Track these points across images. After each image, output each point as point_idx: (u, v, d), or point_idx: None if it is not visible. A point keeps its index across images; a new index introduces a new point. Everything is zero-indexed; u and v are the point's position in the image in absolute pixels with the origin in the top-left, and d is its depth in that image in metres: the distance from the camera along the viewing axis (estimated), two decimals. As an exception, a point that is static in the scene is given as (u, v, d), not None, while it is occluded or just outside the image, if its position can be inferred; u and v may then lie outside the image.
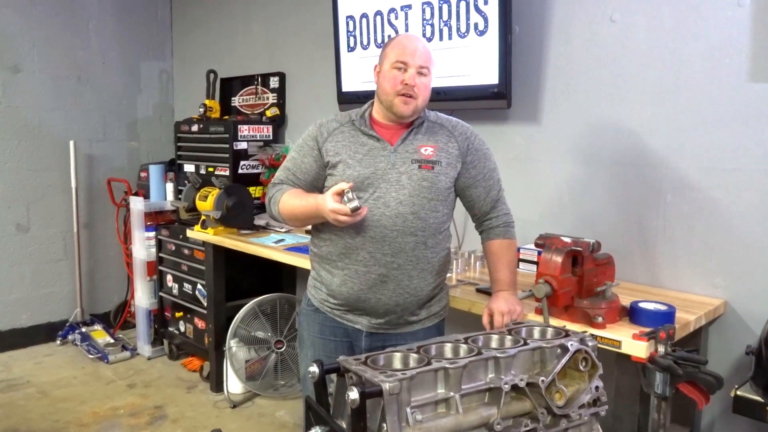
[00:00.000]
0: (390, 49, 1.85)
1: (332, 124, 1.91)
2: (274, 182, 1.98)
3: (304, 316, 2.00)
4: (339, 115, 1.95)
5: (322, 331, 1.94)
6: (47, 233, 4.24)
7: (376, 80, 1.87)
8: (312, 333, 1.96)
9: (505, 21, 2.47)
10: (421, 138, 1.85)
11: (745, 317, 2.08)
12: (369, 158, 1.82)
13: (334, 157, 1.85)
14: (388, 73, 1.81)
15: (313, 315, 1.96)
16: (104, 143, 4.47)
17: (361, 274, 1.83)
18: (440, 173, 1.83)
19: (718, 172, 2.12)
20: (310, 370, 1.17)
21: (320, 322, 1.94)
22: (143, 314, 4.01)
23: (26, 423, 3.12)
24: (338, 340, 1.93)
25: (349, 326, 1.90)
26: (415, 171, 1.81)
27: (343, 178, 1.80)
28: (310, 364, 1.75)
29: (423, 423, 1.10)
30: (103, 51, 4.41)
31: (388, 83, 1.80)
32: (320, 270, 1.94)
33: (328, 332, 1.94)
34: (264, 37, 3.96)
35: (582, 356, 1.25)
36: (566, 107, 2.51)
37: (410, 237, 1.80)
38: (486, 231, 1.96)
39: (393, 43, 1.87)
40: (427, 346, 1.24)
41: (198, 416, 3.20)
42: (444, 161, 1.84)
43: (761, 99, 2.01)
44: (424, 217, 1.82)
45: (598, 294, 1.82)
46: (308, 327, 1.97)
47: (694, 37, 2.14)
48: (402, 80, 1.78)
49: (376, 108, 1.90)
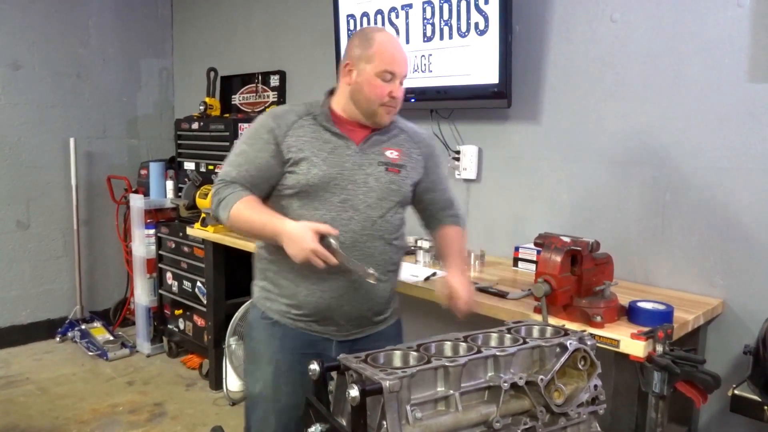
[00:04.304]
0: (376, 53, 1.72)
1: (290, 116, 1.75)
2: (223, 179, 1.74)
3: (258, 330, 1.83)
4: (293, 106, 1.80)
5: (283, 345, 1.79)
6: (47, 230, 4.24)
7: (351, 80, 1.74)
8: (272, 348, 1.80)
9: (506, 20, 2.47)
10: (385, 141, 1.81)
11: (743, 317, 2.08)
12: (334, 157, 1.73)
13: (297, 154, 1.71)
14: (374, 81, 1.72)
15: (271, 328, 1.80)
16: (104, 140, 4.48)
17: (331, 283, 1.73)
18: (406, 177, 1.81)
19: (716, 171, 2.12)
20: (311, 368, 1.18)
21: (281, 336, 1.79)
22: (143, 311, 4.02)
23: (26, 420, 3.13)
24: (304, 352, 1.76)
25: (316, 336, 1.79)
26: (382, 173, 1.76)
27: (307, 178, 1.70)
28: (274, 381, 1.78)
29: (423, 421, 1.10)
30: (103, 48, 4.41)
31: (374, 93, 1.72)
32: (278, 280, 1.79)
33: (291, 345, 1.79)
34: (265, 35, 3.96)
35: (581, 355, 1.26)
36: (566, 106, 2.51)
37: (379, 241, 1.76)
38: (441, 220, 1.97)
39: (379, 47, 1.72)
40: (427, 345, 1.25)
41: (197, 413, 3.21)
42: (408, 165, 1.82)
43: (760, 99, 2.02)
44: (390, 219, 1.79)
45: (596, 293, 1.83)
46: (267, 342, 1.81)
47: (694, 37, 2.15)
48: (390, 92, 1.73)
49: (342, 105, 1.79)
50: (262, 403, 1.84)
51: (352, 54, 1.75)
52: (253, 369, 1.86)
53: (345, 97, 1.78)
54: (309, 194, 1.73)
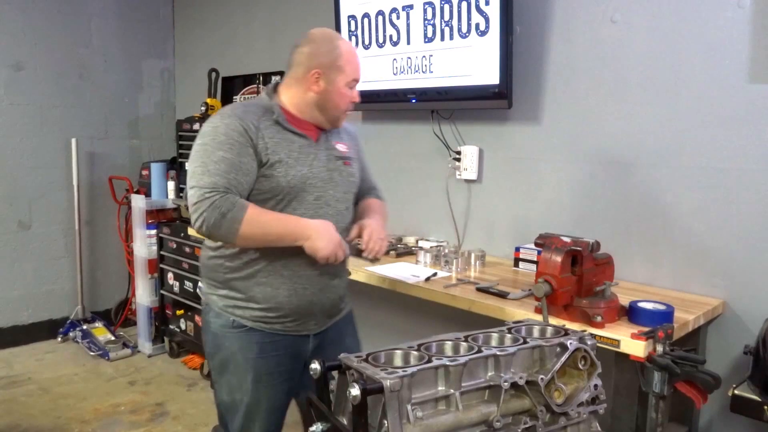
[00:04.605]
0: (345, 64, 1.77)
1: (252, 117, 1.70)
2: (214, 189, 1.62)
3: (231, 339, 1.79)
4: (246, 107, 1.75)
5: (262, 350, 1.78)
6: (49, 230, 4.25)
7: (318, 88, 1.75)
8: (249, 354, 1.78)
9: (507, 21, 2.48)
10: (333, 136, 1.86)
11: (743, 317, 2.09)
12: (303, 156, 1.75)
13: (273, 156, 1.69)
14: (343, 90, 1.78)
15: (246, 336, 1.77)
16: (106, 141, 4.49)
17: (312, 278, 1.78)
18: (356, 168, 1.92)
19: (717, 172, 2.13)
20: (312, 367, 1.18)
21: (257, 341, 1.78)
22: (144, 312, 4.02)
23: (28, 419, 3.14)
24: (281, 353, 1.80)
25: (292, 335, 1.81)
26: (342, 168, 1.84)
27: (287, 179, 1.71)
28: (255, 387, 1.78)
29: (423, 420, 1.11)
30: (104, 49, 4.42)
31: (343, 101, 1.79)
32: (248, 287, 1.76)
33: (270, 348, 1.79)
34: (266, 36, 3.96)
35: (581, 355, 1.26)
36: (567, 107, 2.52)
37: (345, 232, 1.84)
38: (364, 197, 2.04)
39: (347, 56, 1.78)
40: (428, 344, 1.25)
41: (199, 413, 3.21)
42: (354, 157, 1.92)
43: (760, 100, 2.02)
44: (350, 210, 1.91)
45: (597, 293, 1.83)
46: (243, 349, 1.78)
47: (694, 38, 2.15)
48: (352, 99, 1.81)
49: (299, 107, 1.79)
50: (242, 409, 1.82)
51: (321, 62, 1.75)
52: (229, 378, 1.82)
53: (306, 102, 1.78)
54: (287, 195, 1.73)
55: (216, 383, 1.89)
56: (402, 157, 3.17)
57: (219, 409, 1.92)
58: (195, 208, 1.63)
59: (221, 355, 1.82)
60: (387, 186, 3.24)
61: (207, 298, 1.86)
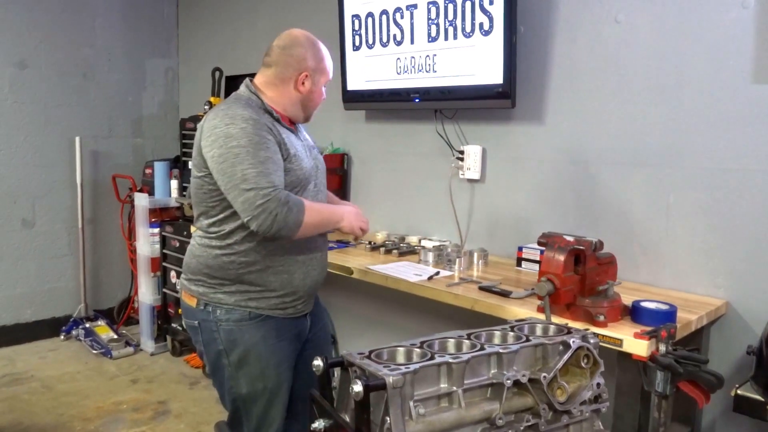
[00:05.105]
0: (326, 66, 1.95)
1: (263, 117, 1.81)
2: (275, 186, 1.70)
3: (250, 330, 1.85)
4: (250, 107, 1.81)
5: (279, 336, 1.89)
6: (52, 229, 4.26)
7: (304, 89, 1.89)
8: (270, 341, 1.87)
9: (510, 21, 2.48)
10: (301, 128, 2.02)
11: (746, 317, 2.08)
12: (301, 148, 1.91)
13: (290, 150, 1.83)
14: (320, 90, 1.96)
15: (263, 324, 1.86)
16: (109, 140, 4.50)
17: (318, 259, 1.96)
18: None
19: (721, 172, 2.12)
20: (315, 364, 1.18)
21: (275, 327, 1.88)
22: (146, 310, 4.03)
23: (30, 417, 3.14)
24: (292, 334, 1.93)
25: (299, 317, 1.95)
26: (318, 156, 2.02)
27: (303, 170, 1.86)
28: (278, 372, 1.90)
29: (426, 417, 1.11)
30: (108, 48, 4.43)
31: (319, 100, 1.97)
32: (263, 278, 1.84)
33: (285, 332, 1.90)
34: (269, 35, 3.93)
35: (584, 353, 1.26)
36: (570, 107, 2.52)
37: None
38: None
39: (326, 60, 1.95)
40: (431, 342, 1.25)
41: (201, 412, 3.22)
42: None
43: (764, 100, 2.02)
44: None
45: (600, 293, 1.83)
46: (264, 337, 1.86)
47: (698, 38, 2.15)
48: (323, 97, 1.99)
49: (282, 105, 1.89)
50: (264, 396, 1.90)
51: (308, 66, 1.89)
52: (249, 370, 1.87)
53: (290, 101, 1.91)
54: (299, 186, 1.85)
55: (231, 379, 1.90)
56: (405, 157, 3.17)
57: (234, 406, 1.94)
58: (263, 209, 1.67)
59: (240, 350, 1.86)
60: (390, 185, 3.27)
61: (208, 298, 1.87)
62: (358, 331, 3.48)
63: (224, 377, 1.90)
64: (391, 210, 3.23)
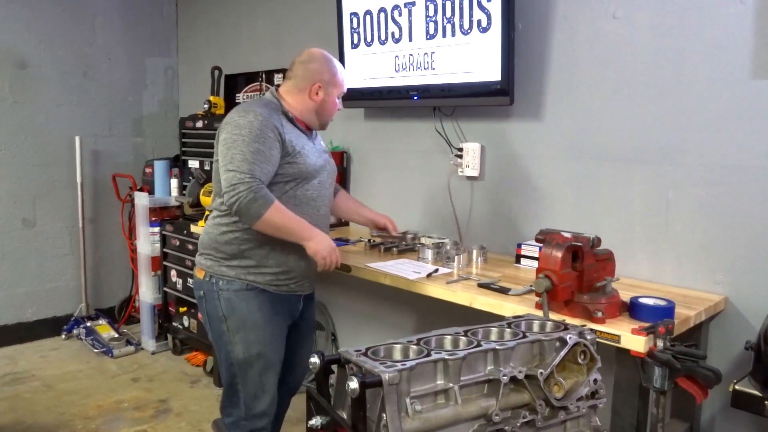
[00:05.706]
0: (339, 81, 2.20)
1: (276, 117, 2.06)
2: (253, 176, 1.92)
3: (247, 300, 2.08)
4: (268, 107, 2.08)
5: (274, 309, 2.12)
6: (53, 228, 4.27)
7: (318, 99, 2.15)
8: (265, 312, 2.10)
9: (508, 18, 2.47)
10: (316, 135, 2.28)
11: (745, 313, 2.08)
12: (311, 148, 2.15)
13: (294, 147, 2.06)
14: (335, 101, 2.21)
15: (260, 296, 2.09)
16: (110, 139, 4.50)
17: (302, 251, 2.08)
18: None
19: (719, 168, 2.12)
20: (311, 361, 1.19)
21: (270, 300, 2.11)
22: (147, 309, 4.04)
23: (32, 416, 3.15)
24: (285, 310, 2.18)
25: (292, 295, 2.18)
26: (327, 159, 2.26)
27: (306, 166, 2.09)
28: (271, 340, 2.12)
29: (422, 413, 1.11)
30: (108, 47, 4.44)
31: (334, 110, 2.23)
32: (265, 254, 2.08)
33: (279, 307, 2.14)
34: (268, 33, 3.97)
35: (581, 349, 1.26)
36: (569, 104, 2.51)
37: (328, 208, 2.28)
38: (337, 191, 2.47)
39: (340, 74, 2.21)
40: (427, 338, 1.26)
41: (202, 410, 3.23)
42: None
43: (763, 96, 2.01)
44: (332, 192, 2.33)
45: (598, 289, 1.83)
46: (259, 307, 2.09)
47: (697, 34, 2.15)
48: (338, 108, 2.25)
49: (299, 111, 2.15)
50: (259, 362, 2.11)
51: (322, 78, 2.16)
52: (246, 335, 2.09)
53: (306, 108, 2.17)
54: (303, 179, 2.10)
55: (229, 344, 2.11)
56: (404, 154, 3.17)
57: (230, 372, 2.14)
58: (233, 188, 1.92)
59: (238, 315, 2.09)
60: (389, 183, 3.27)
61: (212, 270, 2.11)
62: (358, 329, 3.49)
63: (223, 343, 2.12)
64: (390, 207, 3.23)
